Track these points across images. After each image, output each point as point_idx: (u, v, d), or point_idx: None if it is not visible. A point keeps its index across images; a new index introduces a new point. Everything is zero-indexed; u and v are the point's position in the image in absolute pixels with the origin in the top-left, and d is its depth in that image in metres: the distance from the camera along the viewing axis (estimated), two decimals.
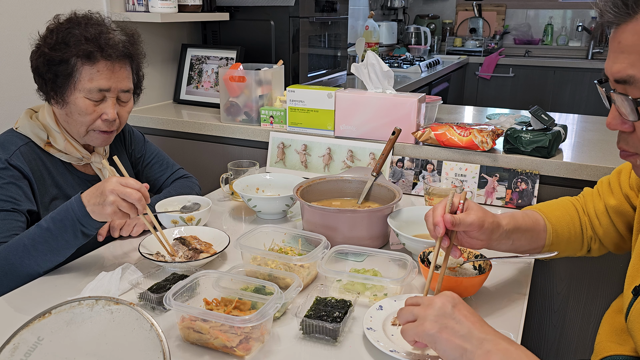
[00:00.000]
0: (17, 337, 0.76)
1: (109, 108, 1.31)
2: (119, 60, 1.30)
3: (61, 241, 1.13)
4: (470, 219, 0.96)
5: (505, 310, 1.04)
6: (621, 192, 1.09)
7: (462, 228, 0.96)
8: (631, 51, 0.71)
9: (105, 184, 1.11)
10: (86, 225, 1.13)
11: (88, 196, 1.13)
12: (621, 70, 0.73)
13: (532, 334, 1.82)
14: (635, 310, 0.91)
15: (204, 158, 2.12)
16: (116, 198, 1.09)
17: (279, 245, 1.22)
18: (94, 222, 1.14)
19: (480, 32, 5.17)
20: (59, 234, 1.13)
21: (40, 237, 1.13)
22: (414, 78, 3.46)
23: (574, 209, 1.16)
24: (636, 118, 0.76)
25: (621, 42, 0.72)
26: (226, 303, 0.96)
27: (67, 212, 1.13)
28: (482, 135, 1.62)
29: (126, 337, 0.78)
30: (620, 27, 0.72)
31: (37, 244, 1.13)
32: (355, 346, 0.93)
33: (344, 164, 1.79)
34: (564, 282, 1.72)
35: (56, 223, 1.13)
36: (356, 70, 1.79)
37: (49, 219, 1.14)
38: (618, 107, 0.77)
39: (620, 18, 0.71)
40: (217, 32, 2.46)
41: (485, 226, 0.97)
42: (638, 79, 0.72)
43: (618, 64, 0.73)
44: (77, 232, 1.13)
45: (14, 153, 1.28)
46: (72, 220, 1.12)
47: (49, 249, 1.13)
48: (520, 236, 1.07)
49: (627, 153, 0.83)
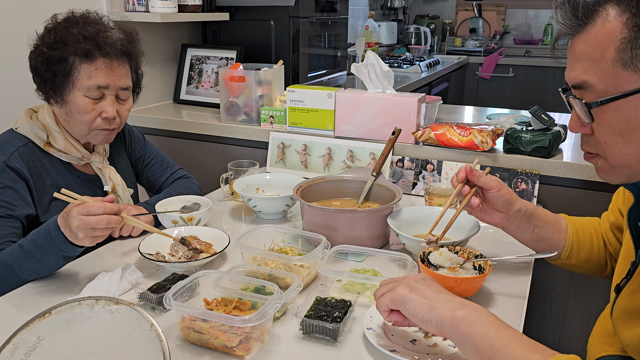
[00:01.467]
0: (17, 337, 0.76)
1: (108, 106, 1.31)
2: (117, 57, 1.30)
3: (44, 263, 1.12)
4: (489, 178, 1.07)
5: (505, 310, 1.04)
6: (617, 206, 1.12)
7: (481, 180, 1.06)
8: (584, 59, 0.79)
9: (70, 220, 1.05)
10: (67, 251, 1.11)
11: (62, 227, 1.08)
12: (576, 77, 0.80)
13: (532, 334, 1.82)
14: (617, 308, 0.93)
15: (204, 158, 2.12)
16: (86, 232, 1.05)
17: (279, 245, 1.22)
18: (75, 248, 1.11)
19: (480, 32, 5.17)
20: (42, 258, 1.11)
21: (23, 260, 1.11)
22: (414, 78, 3.46)
23: (598, 225, 1.17)
24: (591, 120, 0.82)
25: (575, 51, 0.80)
26: (226, 303, 0.96)
27: (47, 238, 1.10)
28: (482, 135, 1.62)
29: (126, 337, 0.78)
30: (574, 38, 0.80)
31: (21, 265, 1.12)
32: (355, 346, 0.93)
33: (344, 164, 1.79)
34: (564, 282, 1.72)
35: (37, 247, 1.10)
36: (356, 70, 1.79)
37: (30, 242, 1.11)
38: (577, 111, 0.84)
39: (573, 29, 0.79)
40: (217, 32, 2.46)
41: (502, 192, 1.06)
42: (591, 84, 0.78)
43: (574, 71, 0.81)
44: (58, 257, 1.11)
45: (12, 154, 1.27)
46: (53, 247, 1.10)
47: (34, 270, 1.12)
48: (541, 225, 1.11)
49: (590, 155, 0.88)
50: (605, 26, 0.75)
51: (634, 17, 0.73)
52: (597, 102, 0.78)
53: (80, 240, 1.08)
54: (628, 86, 0.76)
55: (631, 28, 0.73)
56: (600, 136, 0.82)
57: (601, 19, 0.76)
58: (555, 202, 1.63)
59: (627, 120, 0.78)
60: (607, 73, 0.76)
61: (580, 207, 1.61)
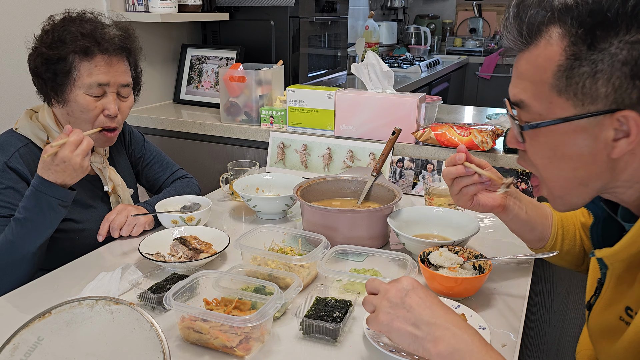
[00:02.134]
0: (17, 337, 0.76)
1: (110, 103, 1.31)
2: (116, 54, 1.31)
3: (45, 223, 1.18)
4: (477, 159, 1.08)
5: (505, 310, 1.04)
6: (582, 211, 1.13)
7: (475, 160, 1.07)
8: (524, 77, 0.77)
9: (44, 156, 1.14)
10: (59, 196, 1.18)
11: (45, 174, 1.16)
12: (515, 95, 0.79)
13: (532, 334, 1.82)
14: (592, 325, 0.91)
15: (204, 158, 2.12)
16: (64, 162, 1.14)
17: (279, 245, 1.22)
18: (66, 191, 1.18)
19: (480, 32, 5.17)
20: (40, 217, 1.17)
21: (23, 229, 1.17)
22: (414, 78, 3.46)
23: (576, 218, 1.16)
24: (522, 140, 0.81)
25: (518, 69, 0.78)
26: (226, 303, 0.96)
27: (36, 195, 1.16)
28: (482, 135, 1.62)
29: (126, 337, 0.78)
30: (518, 55, 0.78)
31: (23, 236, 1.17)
32: (355, 346, 0.93)
33: (344, 164, 1.79)
34: (564, 282, 1.72)
35: (31, 210, 1.17)
36: (356, 70, 1.79)
37: (22, 209, 1.17)
38: (512, 128, 0.83)
39: (518, 47, 0.77)
40: (217, 32, 2.46)
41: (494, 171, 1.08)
42: (527, 104, 0.77)
43: (514, 88, 0.79)
44: (54, 208, 1.18)
45: (13, 155, 1.27)
46: (46, 201, 1.16)
47: (37, 235, 1.18)
48: (530, 206, 1.11)
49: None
50: (547, 48, 0.72)
51: (572, 45, 0.70)
52: (528, 125, 0.77)
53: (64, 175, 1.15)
54: (560, 113, 0.73)
55: (568, 56, 0.70)
56: (532, 157, 0.81)
57: (544, 40, 0.73)
58: None
59: (555, 147, 0.76)
60: (543, 96, 0.74)
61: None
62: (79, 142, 1.16)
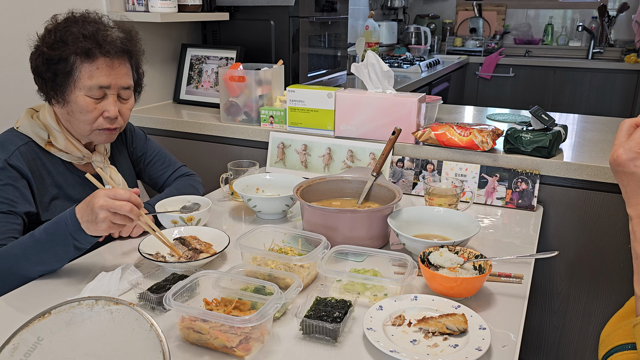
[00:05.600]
0: (17, 337, 0.76)
1: (110, 105, 1.31)
2: (117, 56, 1.30)
3: (52, 254, 1.12)
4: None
5: (505, 310, 1.04)
6: None
7: None
8: None
9: (94, 199, 1.07)
10: (80, 240, 1.12)
11: (80, 212, 1.10)
12: None
13: (532, 334, 1.82)
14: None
15: (204, 158, 2.12)
16: (107, 214, 1.07)
17: (279, 246, 1.21)
18: (88, 237, 1.12)
19: (480, 32, 5.17)
20: (50, 247, 1.11)
21: (32, 249, 1.11)
22: (414, 78, 3.46)
23: None
24: None
25: None
26: (226, 303, 0.96)
27: (60, 225, 1.11)
28: (482, 135, 1.62)
29: (126, 337, 0.78)
30: None
31: (28, 255, 1.12)
32: (355, 346, 0.93)
33: (344, 164, 1.79)
34: (564, 282, 1.72)
35: (49, 235, 1.11)
36: (356, 70, 1.79)
37: (42, 230, 1.12)
38: None
39: None
40: (217, 32, 2.46)
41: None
42: None
43: None
44: (69, 246, 1.11)
45: (13, 153, 1.28)
46: (64, 235, 1.10)
47: (40, 261, 1.12)
48: None
49: None
50: None
51: None
52: None
53: (98, 225, 1.08)
54: None
55: None
56: None
57: None
58: (555, 202, 1.63)
59: None
60: None
61: (580, 207, 1.61)
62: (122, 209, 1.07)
